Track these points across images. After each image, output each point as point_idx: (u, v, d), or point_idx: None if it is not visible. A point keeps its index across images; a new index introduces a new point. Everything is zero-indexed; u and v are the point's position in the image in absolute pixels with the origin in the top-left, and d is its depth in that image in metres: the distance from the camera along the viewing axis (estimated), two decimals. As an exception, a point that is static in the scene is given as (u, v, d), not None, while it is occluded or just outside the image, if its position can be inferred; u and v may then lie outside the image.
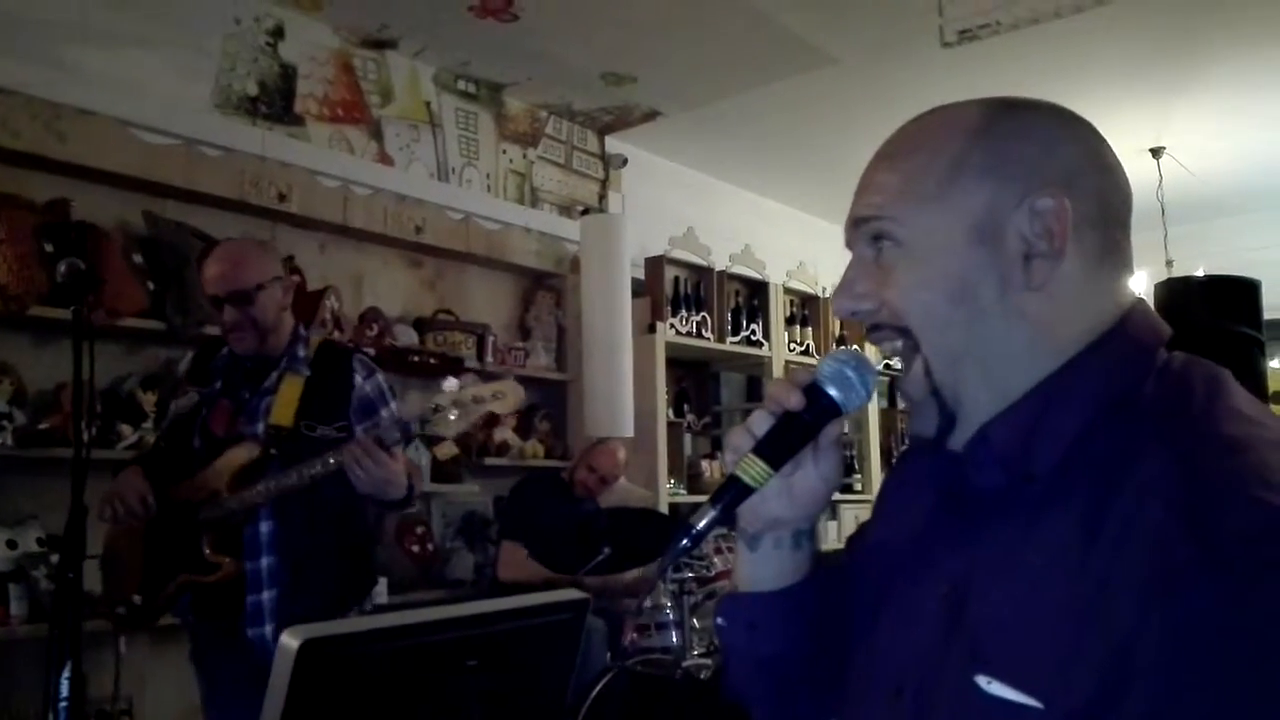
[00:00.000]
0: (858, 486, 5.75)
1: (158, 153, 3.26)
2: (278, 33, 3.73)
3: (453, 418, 2.08)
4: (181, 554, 2.23)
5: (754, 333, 5.22)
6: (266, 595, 2.19)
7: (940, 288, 0.77)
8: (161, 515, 2.24)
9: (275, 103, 3.70)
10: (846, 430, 6.22)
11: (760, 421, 0.83)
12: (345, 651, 1.12)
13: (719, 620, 0.96)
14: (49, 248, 2.92)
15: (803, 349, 5.53)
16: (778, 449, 0.82)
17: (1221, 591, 0.60)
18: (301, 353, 2.35)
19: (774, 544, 0.90)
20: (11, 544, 2.83)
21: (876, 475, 5.79)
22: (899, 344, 0.80)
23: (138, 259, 3.18)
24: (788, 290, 5.55)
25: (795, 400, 0.82)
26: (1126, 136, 4.95)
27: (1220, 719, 0.59)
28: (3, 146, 2.90)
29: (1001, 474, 0.76)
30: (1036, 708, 0.65)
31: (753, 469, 0.81)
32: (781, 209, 6.03)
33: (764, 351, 5.25)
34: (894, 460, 5.57)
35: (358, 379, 2.35)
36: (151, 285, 3.18)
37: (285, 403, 2.27)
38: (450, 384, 2.11)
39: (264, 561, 2.21)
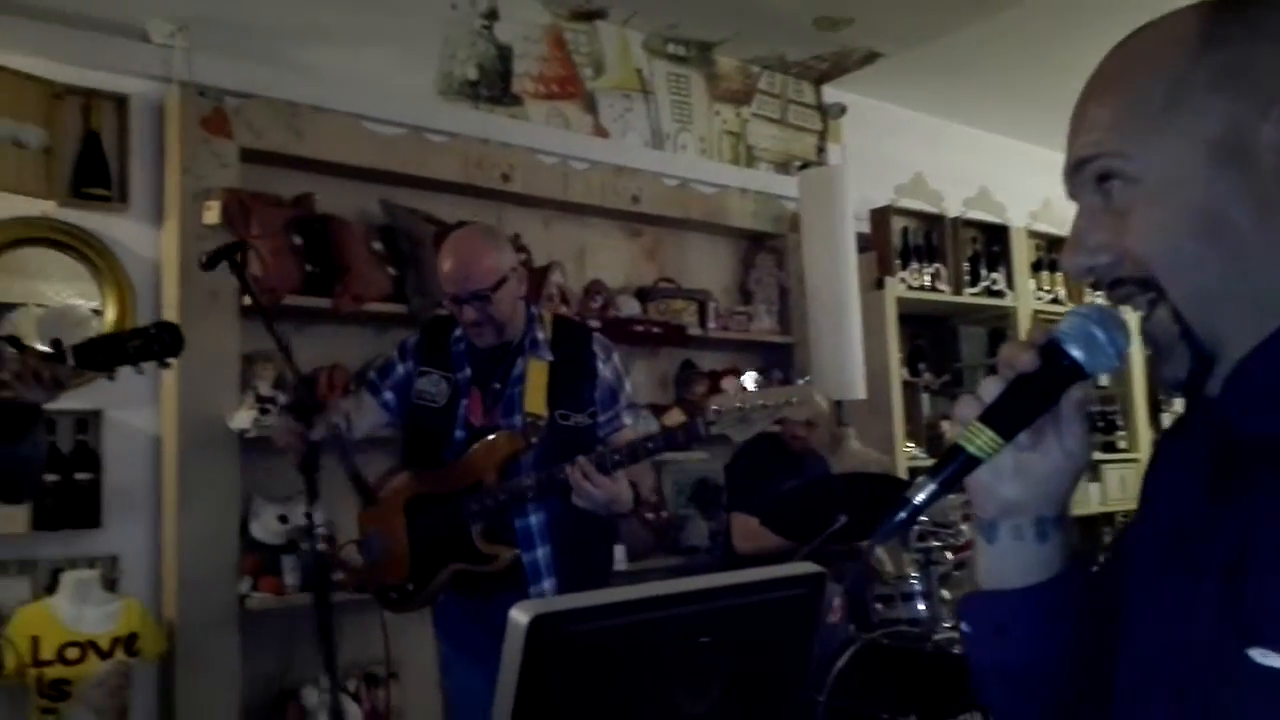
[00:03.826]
0: (1121, 444, 5.26)
1: (389, 143, 3.41)
2: (492, 14, 3.80)
3: (746, 422, 2.04)
4: (448, 543, 2.28)
5: (995, 282, 4.87)
6: (547, 584, 2.26)
7: (1185, 226, 0.68)
8: (422, 503, 2.31)
9: (494, 84, 3.78)
10: (1106, 383, 5.61)
11: (990, 388, 0.74)
12: (575, 626, 1.09)
13: (962, 626, 0.84)
14: (298, 240, 3.12)
15: (1051, 297, 5.11)
16: (1008, 416, 0.72)
17: None
18: (541, 335, 2.36)
19: (1013, 534, 0.78)
20: (283, 518, 3.05)
21: (1143, 432, 5.28)
22: (1146, 298, 0.71)
23: (377, 246, 3.34)
24: (1032, 233, 5.13)
25: (1027, 361, 0.73)
26: None
27: None
28: (249, 148, 3.10)
29: (1273, 415, 0.66)
30: None
31: (979, 438, 0.72)
32: (1019, 146, 5.57)
33: (1007, 301, 4.89)
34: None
35: (599, 364, 2.36)
36: (392, 270, 3.33)
37: (535, 389, 2.29)
38: (749, 380, 2.07)
39: (539, 552, 2.26)
